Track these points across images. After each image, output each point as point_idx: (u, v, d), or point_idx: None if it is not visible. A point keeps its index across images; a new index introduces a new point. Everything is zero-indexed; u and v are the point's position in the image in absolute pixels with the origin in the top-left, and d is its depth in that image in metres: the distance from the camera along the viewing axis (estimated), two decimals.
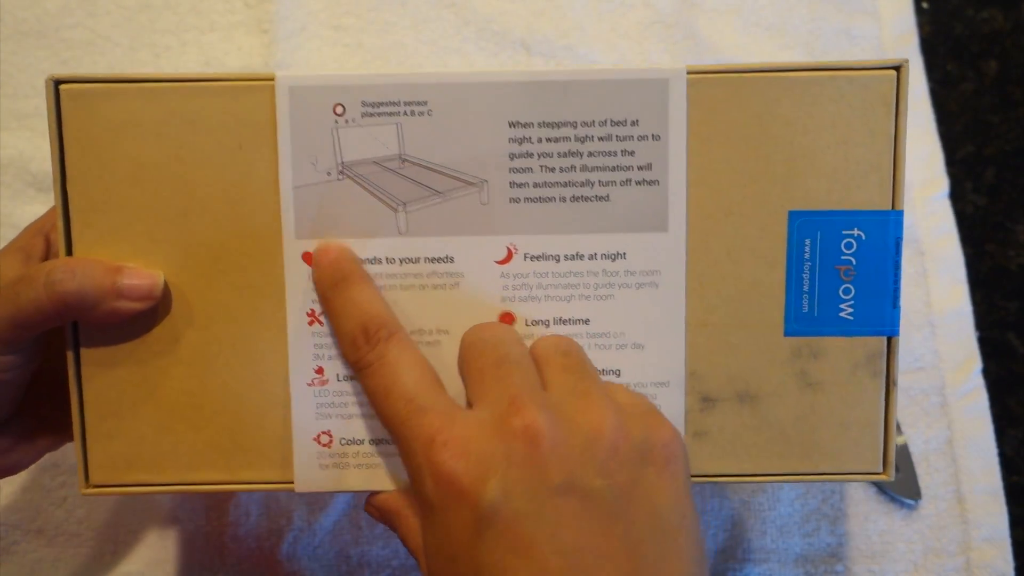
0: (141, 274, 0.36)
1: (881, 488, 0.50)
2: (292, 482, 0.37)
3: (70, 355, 0.37)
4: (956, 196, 0.54)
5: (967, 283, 0.52)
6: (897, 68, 0.35)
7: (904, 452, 0.50)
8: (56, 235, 0.36)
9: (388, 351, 0.34)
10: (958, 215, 0.53)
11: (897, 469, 0.50)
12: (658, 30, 0.56)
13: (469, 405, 0.33)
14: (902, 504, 0.50)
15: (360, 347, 0.34)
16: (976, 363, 0.51)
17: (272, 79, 0.35)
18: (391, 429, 0.33)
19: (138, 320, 0.36)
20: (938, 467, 0.50)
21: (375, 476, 0.37)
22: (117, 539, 0.49)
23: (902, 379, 0.50)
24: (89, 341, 0.37)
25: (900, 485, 0.50)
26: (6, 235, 0.51)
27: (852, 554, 0.50)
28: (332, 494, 0.49)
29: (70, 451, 0.49)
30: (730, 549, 0.50)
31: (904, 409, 0.51)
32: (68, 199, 0.36)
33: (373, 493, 0.37)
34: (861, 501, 0.50)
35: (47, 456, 0.49)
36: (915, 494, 0.50)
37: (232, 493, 0.49)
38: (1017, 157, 0.55)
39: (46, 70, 0.55)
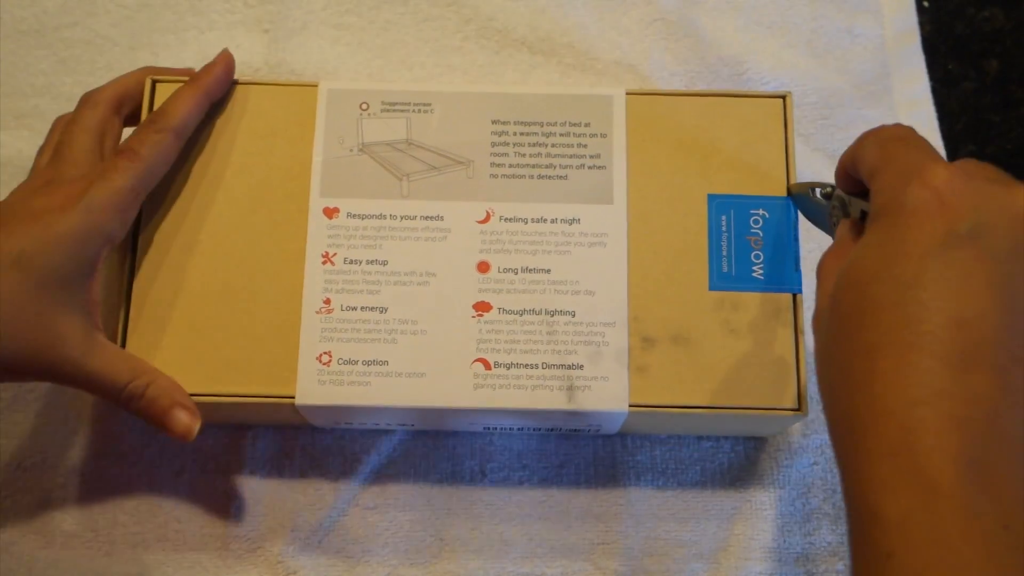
0: (182, 424, 0.42)
1: None
2: (293, 396, 0.44)
3: (125, 277, 0.45)
4: None
5: None
6: (783, 97, 0.47)
7: None
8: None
9: None
10: None
11: None
12: (659, 27, 0.58)
13: None
14: None
15: None
16: None
17: (315, 85, 0.47)
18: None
19: (188, 260, 0.45)
20: None
21: (366, 392, 0.44)
22: (116, 540, 0.49)
23: None
24: (143, 259, 0.45)
25: None
26: None
27: None
28: (332, 492, 0.50)
29: (68, 450, 0.50)
30: (730, 548, 0.50)
31: None
32: None
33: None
34: None
35: (46, 456, 0.50)
36: None
37: (234, 493, 0.50)
38: (1018, 156, 0.56)
39: (45, 69, 0.56)
